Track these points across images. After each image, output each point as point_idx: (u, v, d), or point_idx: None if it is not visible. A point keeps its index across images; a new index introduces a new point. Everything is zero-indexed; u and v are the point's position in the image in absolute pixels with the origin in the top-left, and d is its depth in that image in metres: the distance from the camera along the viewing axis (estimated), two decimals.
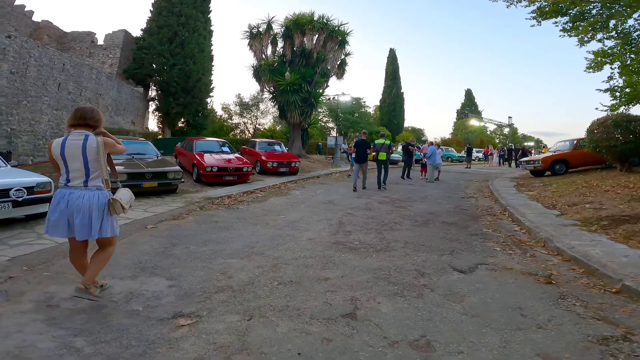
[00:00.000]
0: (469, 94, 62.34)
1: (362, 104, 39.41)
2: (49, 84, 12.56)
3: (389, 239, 5.31)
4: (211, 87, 26.38)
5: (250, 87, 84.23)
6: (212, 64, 26.18)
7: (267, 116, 36.83)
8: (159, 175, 7.57)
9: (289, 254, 4.44)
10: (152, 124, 27.78)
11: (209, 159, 9.96)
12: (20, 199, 4.59)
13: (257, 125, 36.35)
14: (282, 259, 4.24)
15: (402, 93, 46.04)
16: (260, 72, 18.25)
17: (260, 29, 18.16)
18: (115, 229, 2.91)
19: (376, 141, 10.99)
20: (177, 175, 7.85)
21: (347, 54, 19.02)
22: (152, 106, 26.30)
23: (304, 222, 6.24)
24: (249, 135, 34.25)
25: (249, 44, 18.28)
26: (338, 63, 18.82)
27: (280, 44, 18.76)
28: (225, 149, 11.43)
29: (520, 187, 10.98)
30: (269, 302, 3.08)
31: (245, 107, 35.61)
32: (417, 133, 50.13)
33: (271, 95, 19.89)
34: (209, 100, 27.04)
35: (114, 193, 2.92)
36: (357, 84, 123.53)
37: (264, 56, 18.44)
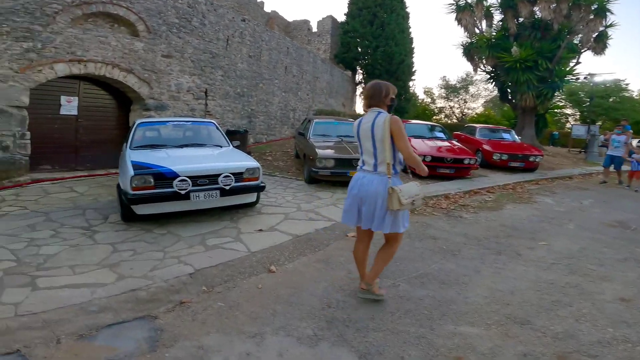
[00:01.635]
0: None
1: (624, 86, 28.68)
2: (278, 67, 13.78)
3: None
4: (413, 69, 25.09)
5: (456, 69, 77.29)
6: (412, 45, 24.80)
7: (478, 100, 32.12)
8: None
9: (588, 332, 2.32)
10: (359, 107, 28.76)
11: (421, 146, 8.13)
12: (227, 187, 4.05)
13: (465, 110, 32.20)
14: (575, 343, 2.19)
15: None
16: (472, 50, 15.43)
17: (469, 0, 15.08)
18: (401, 225, 2.53)
19: None
20: None
21: (608, 25, 13.66)
22: (359, 89, 27.07)
23: (592, 261, 3.68)
24: (455, 120, 30.69)
25: (456, 19, 15.55)
26: (594, 36, 13.74)
27: (497, 16, 15.52)
28: (439, 134, 9.33)
29: None
30: None
31: (451, 90, 32.04)
32: None
33: (489, 76, 16.58)
34: (410, 83, 25.92)
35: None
36: (608, 61, 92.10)
37: (477, 31, 15.37)
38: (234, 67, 10.82)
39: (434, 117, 32.14)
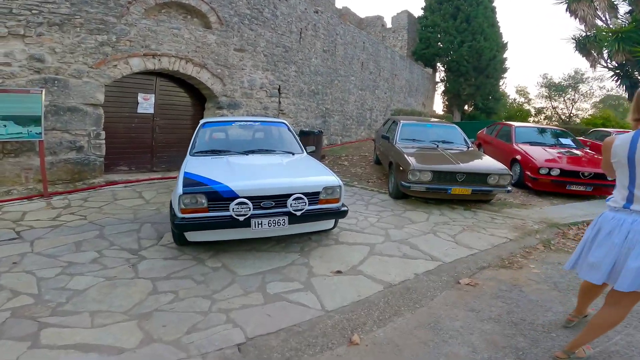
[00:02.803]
0: None
1: None
2: (354, 63, 12.72)
3: None
4: (503, 66, 22.93)
5: (552, 65, 68.19)
6: (504, 40, 22.70)
7: (592, 99, 27.56)
8: (476, 177, 4.85)
9: None
10: (437, 107, 26.59)
11: (543, 155, 6.33)
12: (298, 213, 3.02)
13: (573, 111, 27.70)
14: None
15: None
16: (589, 44, 13.17)
17: None
18: None
19: None
20: (503, 181, 4.85)
21: None
22: (439, 88, 25.06)
23: None
24: (556, 123, 26.52)
25: (569, 10, 13.29)
26: None
27: (623, 7, 13.14)
28: (566, 141, 7.31)
29: None
30: None
31: (556, 88, 27.81)
32: None
33: (612, 72, 14.01)
34: (501, 82, 23.87)
35: None
36: None
37: (600, 23, 13.13)
38: (307, 62, 10.00)
39: (531, 119, 28.35)
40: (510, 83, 44.02)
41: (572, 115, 27.51)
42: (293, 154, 4.13)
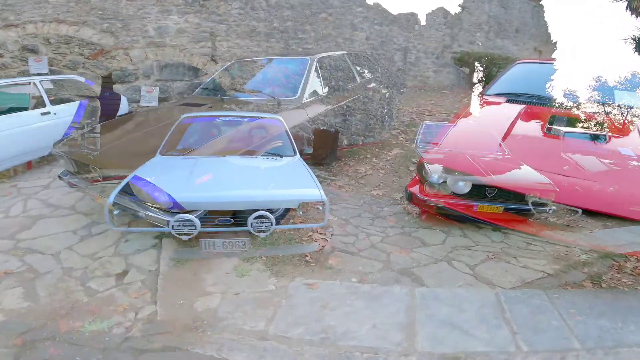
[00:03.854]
0: None
1: None
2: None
3: None
4: None
5: (614, 68, 62.73)
6: (552, 40, 20.93)
7: None
8: (511, 193, 3.95)
9: None
10: (474, 108, 25.08)
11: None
12: (262, 235, 2.39)
13: (628, 117, 25.16)
14: None
15: None
16: None
17: None
18: None
19: None
20: (546, 200, 3.92)
21: None
22: (477, 89, 23.61)
23: None
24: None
25: (630, 8, 11.35)
26: None
27: None
28: (626, 151, 6.12)
29: None
30: None
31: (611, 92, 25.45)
32: None
33: None
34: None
35: None
36: None
37: None
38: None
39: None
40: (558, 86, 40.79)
41: (627, 122, 24.97)
42: (281, 157, 3.49)
